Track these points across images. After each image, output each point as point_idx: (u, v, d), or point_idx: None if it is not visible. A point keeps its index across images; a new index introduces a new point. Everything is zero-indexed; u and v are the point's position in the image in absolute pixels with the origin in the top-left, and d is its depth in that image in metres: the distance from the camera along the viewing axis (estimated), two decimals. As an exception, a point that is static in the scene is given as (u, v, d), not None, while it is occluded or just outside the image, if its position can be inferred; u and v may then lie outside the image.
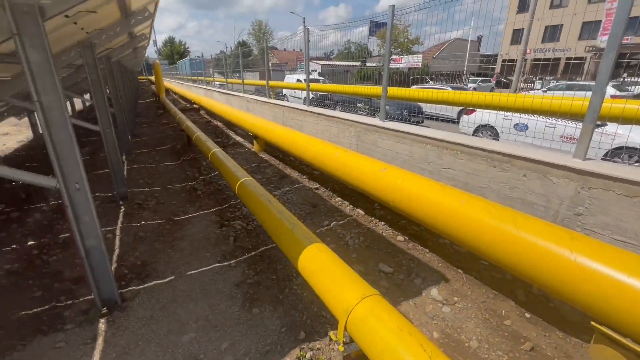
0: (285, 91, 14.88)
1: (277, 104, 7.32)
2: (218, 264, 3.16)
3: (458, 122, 7.29)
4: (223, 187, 5.09)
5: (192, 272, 3.05)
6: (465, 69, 10.42)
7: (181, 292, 2.77)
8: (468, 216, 2.39)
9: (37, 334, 2.31)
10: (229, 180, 3.54)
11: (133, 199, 4.68)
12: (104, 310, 2.51)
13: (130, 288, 2.81)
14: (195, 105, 13.32)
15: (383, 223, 3.90)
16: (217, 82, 14.47)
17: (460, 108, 7.47)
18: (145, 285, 2.86)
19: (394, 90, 5.30)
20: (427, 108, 7.67)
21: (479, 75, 14.73)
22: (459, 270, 3.04)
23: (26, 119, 8.64)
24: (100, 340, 2.26)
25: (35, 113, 8.35)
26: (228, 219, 4.08)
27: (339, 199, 4.65)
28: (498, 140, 5.55)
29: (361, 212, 4.22)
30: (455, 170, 3.35)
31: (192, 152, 7.09)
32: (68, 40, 4.05)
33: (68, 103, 13.87)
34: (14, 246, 3.47)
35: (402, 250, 3.37)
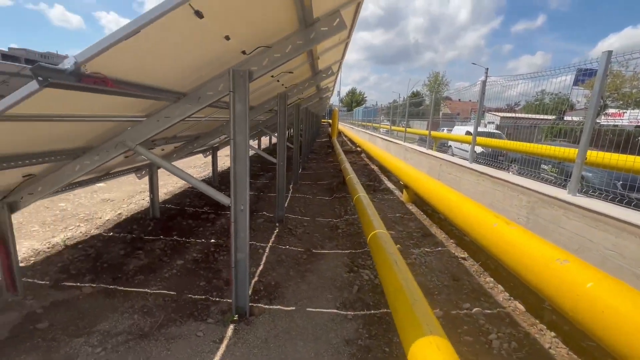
0: (451, 142, 14.06)
1: (434, 156, 6.94)
2: (336, 311, 3.09)
3: None
4: (362, 231, 5.11)
5: (311, 309, 3.10)
6: None
7: (296, 327, 2.83)
8: None
9: (190, 317, 2.88)
10: (365, 227, 3.51)
11: (286, 224, 5.37)
12: (235, 317, 2.87)
13: (259, 305, 3.11)
14: (358, 148, 14.53)
15: (554, 335, 2.81)
16: (383, 129, 15.34)
17: None
18: (271, 307, 3.10)
19: (601, 156, 3.94)
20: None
21: None
22: None
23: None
24: (223, 344, 2.56)
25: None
26: (358, 265, 4.01)
27: (491, 279, 3.74)
28: None
29: (521, 306, 3.22)
30: None
31: (344, 191, 7.60)
32: (272, 93, 5.28)
33: (268, 138, 18.10)
34: (202, 240, 4.60)
35: (581, 388, 2.28)
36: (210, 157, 8.63)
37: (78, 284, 3.28)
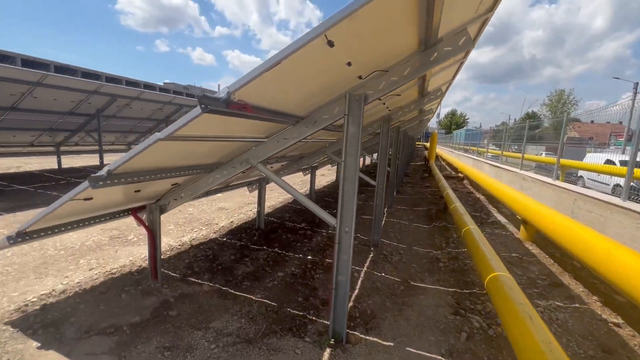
0: (581, 172, 11.56)
1: (566, 188, 5.76)
2: (441, 358, 2.73)
3: None
4: (469, 269, 4.51)
5: (411, 349, 2.81)
6: None
7: (394, 366, 2.60)
8: None
9: (289, 332, 2.94)
10: (480, 267, 3.05)
11: (381, 249, 5.16)
12: (332, 341, 2.80)
13: (356, 333, 2.98)
14: (460, 174, 13.30)
15: None
16: (490, 154, 13.74)
17: None
18: (368, 337, 2.94)
19: None
20: None
21: None
22: None
23: (335, 168, 12.15)
24: (320, 368, 2.51)
25: (338, 165, 11.60)
26: (465, 308, 3.51)
27: (667, 361, 2.76)
28: None
29: None
30: None
31: (445, 221, 6.95)
32: (376, 116, 5.28)
33: (362, 159, 18.26)
34: (300, 255, 4.77)
35: None
36: (308, 176, 9.13)
37: (199, 281, 3.76)
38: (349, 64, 2.27)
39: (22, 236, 2.64)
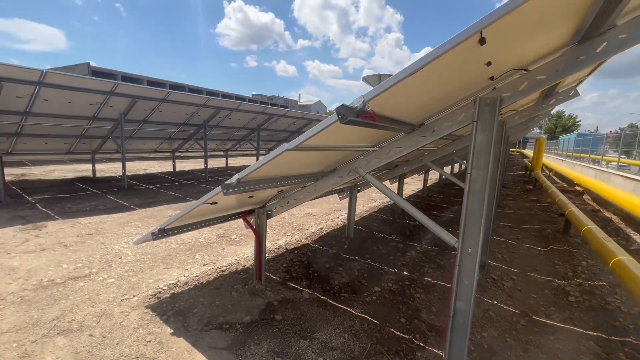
0: None
1: None
2: (594, 423, 2.17)
3: None
4: (615, 309, 3.61)
5: (550, 404, 2.31)
6: None
7: (531, 422, 2.15)
8: None
9: (396, 356, 2.72)
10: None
11: (488, 272, 4.54)
12: (446, 376, 2.49)
13: (473, 370, 2.61)
14: (578, 188, 11.15)
15: None
16: (620, 163, 11.21)
17: None
18: (489, 378, 2.53)
19: None
20: None
21: None
22: None
23: (422, 176, 11.44)
24: (438, 406, 2.23)
25: (425, 173, 10.86)
26: (619, 361, 2.78)
27: None
28: None
29: None
30: None
31: (567, 243, 5.82)
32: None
33: (449, 167, 16.85)
34: (395, 270, 4.50)
35: None
36: (394, 185, 8.77)
37: (298, 287, 3.82)
38: (489, 63, 1.99)
39: (162, 233, 3.03)
